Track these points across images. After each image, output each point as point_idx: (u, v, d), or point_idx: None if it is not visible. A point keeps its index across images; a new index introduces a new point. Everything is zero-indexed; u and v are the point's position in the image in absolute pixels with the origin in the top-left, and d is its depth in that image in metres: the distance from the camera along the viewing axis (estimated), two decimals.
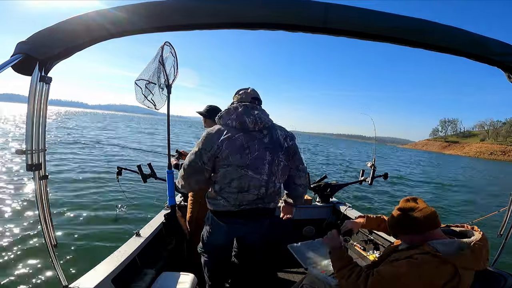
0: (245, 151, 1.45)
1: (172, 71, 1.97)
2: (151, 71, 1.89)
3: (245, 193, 1.48)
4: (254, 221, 1.60)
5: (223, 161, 1.45)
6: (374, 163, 2.94)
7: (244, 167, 1.45)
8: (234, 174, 1.45)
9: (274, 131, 1.57)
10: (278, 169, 1.54)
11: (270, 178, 1.52)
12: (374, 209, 7.09)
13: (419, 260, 1.02)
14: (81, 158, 9.49)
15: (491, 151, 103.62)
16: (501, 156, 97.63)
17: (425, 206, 1.14)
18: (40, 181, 1.08)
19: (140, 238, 1.91)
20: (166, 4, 0.97)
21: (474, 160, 72.14)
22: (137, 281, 1.71)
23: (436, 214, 1.12)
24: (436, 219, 1.12)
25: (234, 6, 0.97)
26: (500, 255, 1.52)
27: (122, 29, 0.98)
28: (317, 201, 3.11)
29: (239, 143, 1.44)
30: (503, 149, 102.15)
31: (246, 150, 1.45)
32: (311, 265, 1.73)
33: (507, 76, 1.25)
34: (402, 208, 1.17)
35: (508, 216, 1.51)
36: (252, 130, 1.49)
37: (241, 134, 1.46)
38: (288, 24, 1.01)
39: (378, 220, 1.57)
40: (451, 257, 1.00)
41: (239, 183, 1.46)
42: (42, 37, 0.95)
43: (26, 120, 0.99)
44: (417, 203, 1.16)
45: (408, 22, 1.04)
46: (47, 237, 1.15)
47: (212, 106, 2.24)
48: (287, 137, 1.60)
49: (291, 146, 1.61)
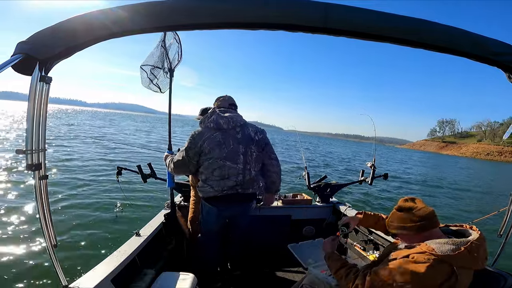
0: (222, 146, 1.81)
1: (176, 56, 2.08)
2: (156, 56, 2.03)
3: (226, 180, 1.82)
4: (237, 205, 1.96)
5: (206, 156, 1.81)
6: (374, 163, 2.94)
7: (222, 158, 1.80)
8: (215, 165, 1.81)
9: (246, 128, 1.91)
10: (252, 159, 1.89)
11: (246, 167, 1.86)
12: (375, 209, 7.09)
13: (416, 259, 1.03)
14: (81, 158, 9.48)
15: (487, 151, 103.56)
16: (497, 156, 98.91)
17: (424, 206, 1.14)
18: (40, 181, 1.08)
19: (140, 238, 1.91)
20: (167, 4, 0.96)
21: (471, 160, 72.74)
22: (137, 281, 1.71)
23: (434, 214, 1.13)
24: (434, 218, 1.12)
25: (234, 6, 0.97)
26: (500, 255, 1.52)
27: (122, 28, 0.98)
28: (317, 201, 3.11)
29: (217, 140, 1.81)
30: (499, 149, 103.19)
31: (223, 145, 1.81)
32: (311, 264, 1.73)
33: (507, 76, 1.24)
34: (401, 208, 1.18)
35: (508, 216, 1.51)
36: (227, 128, 1.83)
37: (218, 133, 1.82)
38: (288, 24, 1.01)
39: (375, 218, 1.57)
40: (448, 257, 1.00)
41: (220, 172, 1.81)
42: (43, 37, 0.95)
43: (26, 120, 0.99)
44: (416, 203, 1.17)
45: (408, 22, 1.04)
46: (47, 237, 1.15)
47: (205, 109, 2.28)
48: (257, 132, 1.96)
49: (261, 139, 1.96)
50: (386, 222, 1.24)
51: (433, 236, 1.10)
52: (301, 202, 3.01)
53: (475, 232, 1.11)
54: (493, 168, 42.41)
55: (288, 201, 2.96)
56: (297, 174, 9.96)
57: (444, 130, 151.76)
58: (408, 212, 1.14)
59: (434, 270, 0.99)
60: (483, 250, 1.04)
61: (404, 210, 1.16)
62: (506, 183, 20.39)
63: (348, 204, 3.00)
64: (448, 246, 1.02)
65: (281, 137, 61.43)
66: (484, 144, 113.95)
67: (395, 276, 1.03)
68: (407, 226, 1.13)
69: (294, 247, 1.92)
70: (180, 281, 1.66)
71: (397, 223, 1.17)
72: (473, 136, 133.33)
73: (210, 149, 1.79)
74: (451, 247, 1.02)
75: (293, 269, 2.45)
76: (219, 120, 1.84)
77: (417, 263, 1.01)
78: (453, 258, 1.00)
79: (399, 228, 1.16)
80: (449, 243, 1.03)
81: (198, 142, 1.80)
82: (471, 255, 1.01)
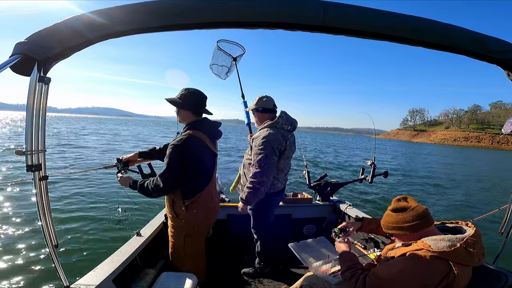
0: (292, 146, 2.14)
1: (234, 49, 2.95)
2: (219, 57, 2.95)
3: (286, 176, 2.21)
4: None
5: (283, 155, 2.03)
6: (374, 161, 2.94)
7: (289, 157, 2.12)
8: (285, 164, 2.09)
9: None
10: None
11: None
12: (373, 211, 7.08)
13: (413, 257, 1.04)
14: (80, 157, 9.48)
15: (454, 137, 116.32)
16: (464, 142, 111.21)
17: (417, 205, 1.15)
18: (40, 182, 1.08)
19: (141, 238, 1.91)
20: (167, 3, 0.96)
21: (440, 146, 76.49)
22: (138, 281, 1.72)
23: (428, 212, 1.14)
24: (428, 216, 1.13)
25: (232, 5, 0.96)
26: (501, 254, 1.52)
27: (121, 29, 0.97)
28: (318, 199, 3.12)
29: (291, 141, 2.09)
30: (465, 135, 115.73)
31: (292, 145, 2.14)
32: (312, 263, 1.73)
33: (507, 74, 1.24)
34: (395, 209, 1.19)
35: (508, 214, 1.51)
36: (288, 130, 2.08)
37: (290, 134, 2.10)
38: (287, 23, 1.00)
39: (376, 223, 1.58)
40: (444, 253, 1.01)
41: (287, 170, 2.17)
42: (41, 38, 0.94)
43: (25, 121, 0.98)
44: (408, 202, 1.18)
45: (407, 20, 1.04)
46: (48, 237, 1.15)
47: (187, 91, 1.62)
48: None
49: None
50: (381, 223, 1.25)
51: (429, 234, 1.11)
52: (302, 200, 3.01)
53: (471, 228, 1.13)
54: (457, 154, 44.31)
55: (288, 200, 2.96)
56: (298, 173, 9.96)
57: (415, 119, 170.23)
58: (403, 212, 1.15)
59: (432, 267, 1.00)
60: (479, 246, 1.05)
61: (398, 211, 1.17)
62: (474, 167, 21.13)
63: (349, 203, 3.00)
64: (444, 242, 1.03)
65: None
66: (451, 130, 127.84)
67: (394, 275, 1.04)
68: (403, 226, 1.14)
69: (295, 246, 1.92)
70: (180, 281, 1.66)
71: (392, 223, 1.18)
72: (441, 124, 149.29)
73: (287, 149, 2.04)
74: (447, 243, 1.03)
75: (293, 268, 2.45)
76: (292, 120, 2.08)
77: (415, 261, 1.02)
78: (449, 254, 1.00)
79: (395, 228, 1.17)
80: (445, 239, 1.05)
81: (282, 142, 1.97)
82: (467, 251, 1.02)
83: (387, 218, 1.21)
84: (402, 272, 1.02)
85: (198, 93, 1.63)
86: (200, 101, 1.64)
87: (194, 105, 1.62)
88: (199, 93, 1.63)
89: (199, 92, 1.63)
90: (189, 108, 1.62)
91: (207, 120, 1.69)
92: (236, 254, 2.62)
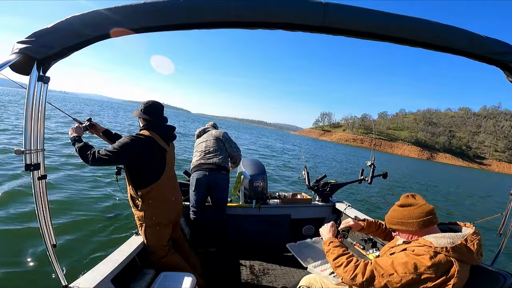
0: None
1: None
2: None
3: None
4: None
5: None
6: (374, 162, 2.94)
7: None
8: None
9: None
10: None
11: None
12: (373, 210, 7.11)
13: (416, 252, 1.05)
14: None
15: (346, 138, 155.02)
16: (352, 142, 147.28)
17: (425, 203, 1.16)
18: (38, 181, 1.08)
19: (139, 237, 1.91)
20: (167, 3, 0.96)
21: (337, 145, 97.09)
22: (137, 281, 1.71)
23: (434, 211, 1.15)
24: (434, 215, 1.14)
25: (232, 5, 0.96)
26: (499, 255, 1.52)
27: (121, 28, 0.97)
28: (317, 200, 3.12)
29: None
30: (354, 137, 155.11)
31: None
32: (310, 264, 1.73)
33: (506, 75, 1.25)
34: (402, 204, 1.20)
35: (507, 216, 1.51)
36: None
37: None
38: (287, 23, 1.01)
39: (376, 225, 1.58)
40: (445, 250, 1.02)
41: None
42: (40, 37, 0.94)
43: (24, 120, 0.98)
44: (416, 199, 1.19)
45: (407, 21, 1.04)
46: (46, 237, 1.15)
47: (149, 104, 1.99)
48: None
49: None
50: (386, 218, 1.25)
51: (432, 232, 1.12)
52: (301, 201, 3.01)
53: (470, 228, 1.14)
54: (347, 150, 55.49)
55: (287, 200, 2.96)
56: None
57: (324, 120, 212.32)
58: (411, 209, 1.16)
59: (433, 262, 1.00)
60: (479, 245, 1.06)
61: (405, 206, 1.18)
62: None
63: (348, 203, 3.00)
64: (445, 239, 1.04)
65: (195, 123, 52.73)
66: (346, 133, 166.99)
67: (396, 267, 1.04)
68: (409, 222, 1.14)
69: (293, 246, 1.92)
70: (179, 281, 1.66)
71: (398, 218, 1.19)
72: (341, 127, 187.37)
73: None
74: (448, 240, 1.04)
75: (292, 268, 2.45)
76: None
77: (417, 255, 1.03)
78: (450, 251, 1.02)
79: (399, 223, 1.18)
80: (446, 236, 1.06)
81: None
82: (467, 249, 1.03)
83: (393, 213, 1.22)
84: (404, 265, 1.03)
85: (155, 104, 2.00)
86: (155, 111, 1.98)
87: (148, 114, 1.94)
88: (156, 104, 2.01)
89: (156, 103, 2.01)
90: (143, 116, 1.95)
91: (162, 124, 1.99)
92: (235, 253, 2.62)
